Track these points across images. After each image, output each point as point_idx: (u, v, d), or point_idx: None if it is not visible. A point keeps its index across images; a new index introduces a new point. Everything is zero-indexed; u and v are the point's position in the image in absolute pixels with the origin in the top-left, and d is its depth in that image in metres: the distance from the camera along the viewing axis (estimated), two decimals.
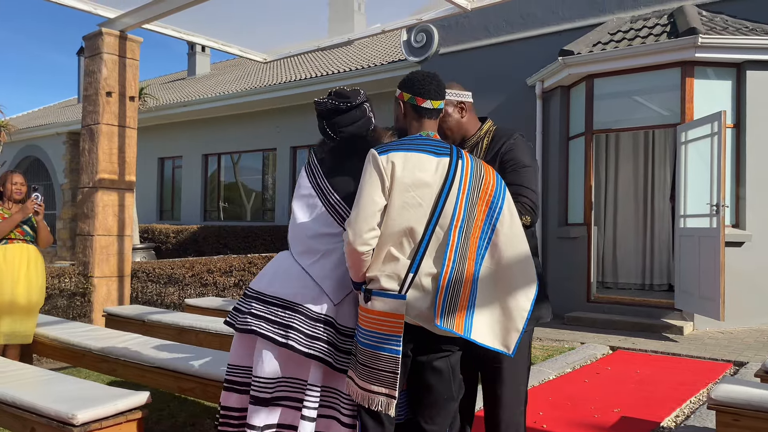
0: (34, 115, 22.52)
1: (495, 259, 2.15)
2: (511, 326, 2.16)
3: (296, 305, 2.32)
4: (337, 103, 2.47)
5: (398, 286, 2.07)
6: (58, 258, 15.96)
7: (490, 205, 2.14)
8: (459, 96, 2.58)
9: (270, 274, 2.44)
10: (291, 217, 2.50)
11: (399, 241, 2.09)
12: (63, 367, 4.97)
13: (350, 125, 2.47)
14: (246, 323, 2.35)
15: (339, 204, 2.42)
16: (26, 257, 4.41)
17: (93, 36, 6.07)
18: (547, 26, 8.84)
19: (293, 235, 2.47)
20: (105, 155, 6.00)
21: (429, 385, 2.19)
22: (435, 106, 2.22)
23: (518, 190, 2.41)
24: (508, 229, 2.16)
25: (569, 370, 5.24)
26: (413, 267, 2.07)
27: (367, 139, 2.51)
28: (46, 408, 2.55)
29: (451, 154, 2.14)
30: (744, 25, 7.13)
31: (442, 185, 2.09)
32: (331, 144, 2.52)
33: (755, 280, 6.81)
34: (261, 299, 2.39)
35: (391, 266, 2.09)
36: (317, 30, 6.39)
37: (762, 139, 6.94)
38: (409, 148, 2.12)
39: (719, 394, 2.76)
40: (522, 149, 2.50)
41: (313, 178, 2.50)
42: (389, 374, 2.07)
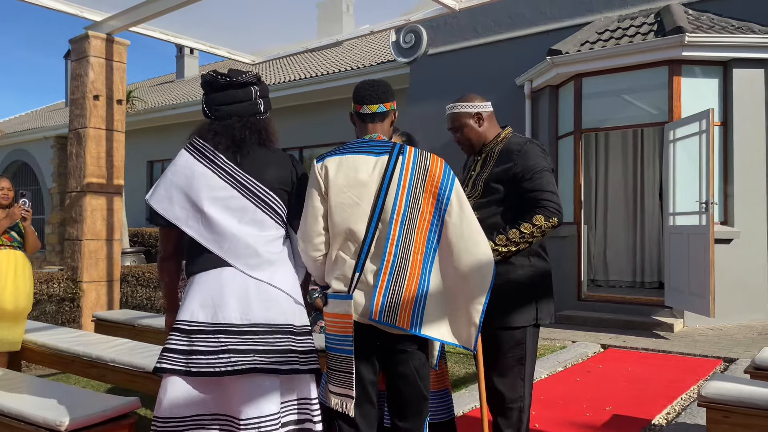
0: (22, 119, 22.34)
1: (447, 252, 2.17)
2: (469, 322, 2.20)
3: (283, 326, 2.12)
4: (215, 76, 2.27)
5: (346, 287, 2.15)
6: (47, 263, 15.83)
7: (437, 196, 2.16)
8: (475, 107, 2.66)
9: (232, 300, 2.08)
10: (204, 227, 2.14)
11: (344, 242, 2.17)
12: (52, 374, 4.92)
13: (230, 104, 2.26)
14: (234, 363, 2.02)
15: (268, 196, 2.21)
16: (13, 263, 4.36)
17: (79, 39, 6.02)
18: (535, 26, 8.87)
19: (233, 248, 2.12)
20: (93, 159, 5.95)
21: (397, 388, 2.23)
22: (373, 110, 2.28)
23: (537, 195, 2.47)
24: (458, 220, 2.17)
25: (561, 369, 5.25)
26: (358, 266, 2.13)
27: (249, 124, 2.25)
28: (33, 415, 2.52)
29: (391, 152, 2.18)
30: (730, 24, 7.18)
31: (380, 182, 2.14)
32: (212, 129, 2.24)
33: (744, 277, 6.86)
34: (235, 331, 2.06)
35: (340, 268, 2.17)
36: (306, 31, 6.37)
37: (749, 137, 6.99)
38: (345, 152, 2.21)
39: (709, 391, 2.77)
40: (533, 155, 2.54)
41: (227, 175, 2.19)
42: (346, 374, 2.15)
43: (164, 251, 2.27)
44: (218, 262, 2.14)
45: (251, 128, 2.25)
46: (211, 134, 2.24)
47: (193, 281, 2.15)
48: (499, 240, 2.45)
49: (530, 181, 2.50)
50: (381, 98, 2.28)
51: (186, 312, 2.11)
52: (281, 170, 2.29)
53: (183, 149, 2.25)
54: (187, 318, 2.10)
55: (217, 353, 2.04)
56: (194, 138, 2.27)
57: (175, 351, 2.07)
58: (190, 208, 2.17)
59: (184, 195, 2.18)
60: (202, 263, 2.15)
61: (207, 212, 2.15)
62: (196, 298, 2.11)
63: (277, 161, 2.30)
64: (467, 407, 3.98)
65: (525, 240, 2.46)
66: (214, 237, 2.15)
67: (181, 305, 2.15)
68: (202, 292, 2.11)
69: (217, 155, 2.21)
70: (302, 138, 13.32)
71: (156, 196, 2.21)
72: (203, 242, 2.15)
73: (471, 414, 3.90)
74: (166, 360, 2.08)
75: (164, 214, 2.18)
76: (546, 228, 2.46)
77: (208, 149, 2.23)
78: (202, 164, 2.20)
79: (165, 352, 2.09)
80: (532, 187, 2.49)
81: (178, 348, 2.07)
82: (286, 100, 12.94)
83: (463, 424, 3.58)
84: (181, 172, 2.20)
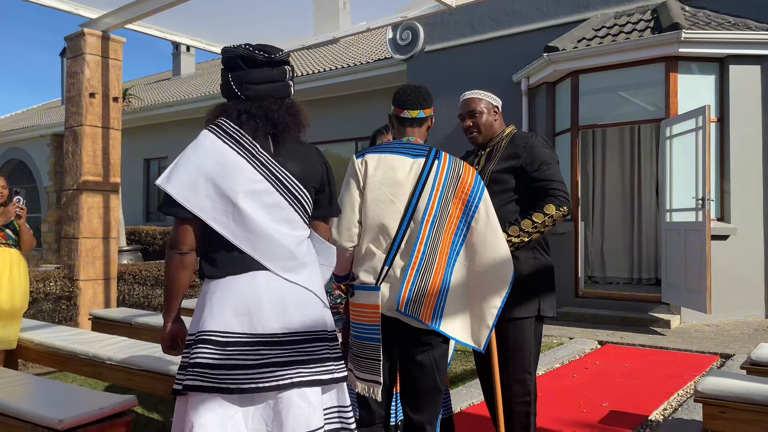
0: (18, 117, 22.27)
1: (469, 256, 2.29)
2: (482, 323, 2.30)
3: (320, 332, 1.97)
4: (252, 50, 2.02)
5: (374, 279, 2.24)
6: (43, 261, 15.80)
7: (467, 203, 2.28)
8: (495, 99, 2.79)
9: (270, 307, 1.90)
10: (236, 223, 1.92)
11: (376, 237, 2.25)
12: (49, 372, 4.92)
13: (262, 83, 2.02)
14: (278, 378, 1.85)
15: (302, 194, 2.03)
16: (8, 261, 4.35)
17: (75, 37, 6.00)
18: (531, 23, 8.87)
19: (269, 248, 1.93)
20: (89, 157, 5.94)
21: (413, 378, 2.30)
22: (413, 116, 2.37)
23: (546, 185, 2.57)
24: (483, 228, 2.29)
25: (558, 365, 5.26)
26: (388, 261, 2.23)
27: (285, 107, 2.05)
28: (31, 414, 2.52)
29: (428, 156, 2.29)
30: (726, 20, 7.19)
31: (415, 183, 2.25)
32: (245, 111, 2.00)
33: (740, 273, 6.88)
34: (276, 342, 1.88)
35: (369, 261, 2.26)
36: (302, 29, 6.36)
37: (745, 133, 7.00)
38: (384, 151, 2.30)
39: (706, 386, 2.78)
40: (539, 147, 2.63)
41: (262, 166, 1.97)
42: (373, 361, 2.25)
43: (183, 245, 1.93)
44: (249, 265, 1.91)
45: (288, 111, 2.04)
46: (245, 116, 1.99)
47: (218, 286, 1.90)
48: (512, 231, 2.52)
49: (538, 171, 2.58)
50: (422, 104, 2.39)
51: (217, 321, 1.86)
52: (314, 165, 2.09)
53: (207, 131, 1.98)
54: (219, 329, 1.85)
55: (257, 367, 1.84)
56: (221, 119, 2.00)
57: (207, 366, 1.82)
58: (218, 199, 1.90)
59: (213, 184, 1.90)
60: (229, 265, 1.91)
61: (241, 207, 1.90)
62: (227, 305, 1.87)
63: (309, 154, 2.10)
64: (465, 404, 3.99)
65: (537, 230, 2.54)
66: (246, 235, 1.91)
67: (203, 313, 1.90)
68: (234, 299, 1.88)
69: (251, 142, 1.97)
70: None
71: (175, 181, 1.90)
72: (234, 240, 1.90)
73: (469, 411, 3.90)
74: (198, 377, 1.82)
75: (187, 204, 1.88)
76: (557, 217, 2.54)
77: (243, 135, 1.97)
78: (235, 150, 1.94)
79: (194, 367, 1.83)
80: (541, 177, 2.58)
81: (210, 362, 1.82)
82: None
83: (461, 421, 3.58)
84: (210, 157, 1.92)
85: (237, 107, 2.01)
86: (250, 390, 1.83)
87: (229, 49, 2.04)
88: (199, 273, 1.98)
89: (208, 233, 1.93)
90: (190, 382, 1.82)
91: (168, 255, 1.95)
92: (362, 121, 11.58)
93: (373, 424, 2.33)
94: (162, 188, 1.91)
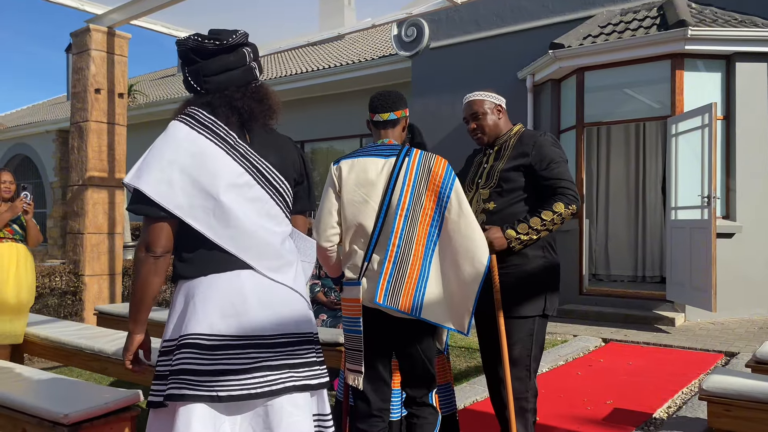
0: (23, 113, 22.33)
1: (445, 245, 2.38)
2: (463, 308, 2.38)
3: (308, 335, 1.86)
4: (200, 40, 1.86)
5: (356, 275, 2.40)
6: (49, 257, 15.86)
7: (439, 194, 2.36)
8: (498, 99, 2.81)
9: (258, 306, 1.77)
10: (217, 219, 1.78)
11: (355, 235, 2.41)
12: (54, 367, 4.94)
13: (220, 73, 1.87)
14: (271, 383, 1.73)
15: (283, 186, 1.92)
16: (15, 256, 4.37)
17: (80, 33, 6.01)
18: (537, 19, 8.84)
19: (254, 246, 1.80)
20: (94, 153, 5.96)
21: (406, 368, 2.48)
22: (384, 118, 2.50)
23: (555, 183, 2.59)
24: (456, 217, 2.36)
25: (562, 362, 5.25)
26: (367, 256, 2.37)
27: (249, 93, 1.90)
28: (37, 407, 2.53)
29: (398, 154, 2.41)
30: (733, 17, 7.15)
31: (387, 182, 2.38)
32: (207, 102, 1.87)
33: (746, 271, 6.85)
34: (267, 343, 1.76)
35: (353, 259, 2.42)
36: (307, 25, 6.35)
37: (751, 131, 6.97)
38: (357, 155, 2.46)
39: (710, 384, 2.78)
40: (548, 146, 2.64)
41: (241, 157, 1.83)
42: (357, 352, 2.40)
43: (157, 246, 1.75)
44: (232, 264, 1.77)
45: (253, 98, 1.90)
46: (209, 108, 1.85)
47: (199, 286, 1.76)
48: (521, 228, 2.53)
49: (547, 170, 2.60)
50: (391, 107, 2.50)
51: (201, 324, 1.72)
52: (292, 155, 1.98)
53: (178, 121, 1.83)
54: (205, 331, 1.71)
55: (249, 371, 1.71)
56: (192, 108, 1.86)
57: (193, 372, 1.67)
58: (196, 195, 1.76)
59: (190, 178, 1.75)
60: (209, 264, 1.77)
61: (223, 202, 1.76)
62: (211, 306, 1.73)
63: (285, 144, 1.99)
64: (468, 401, 3.99)
65: (546, 227, 2.55)
66: (229, 233, 1.77)
67: (185, 315, 1.75)
68: (218, 298, 1.74)
69: (228, 132, 1.83)
70: (304, 132, 13.30)
71: (146, 178, 1.74)
72: (215, 239, 1.76)
73: (472, 407, 3.91)
74: (184, 384, 1.66)
75: (162, 201, 1.72)
76: (566, 215, 2.56)
77: (216, 123, 1.83)
78: (212, 142, 1.80)
79: (178, 374, 1.67)
80: (550, 176, 2.59)
81: (197, 368, 1.67)
82: (288, 94, 12.91)
83: (465, 417, 3.59)
84: (183, 148, 1.77)
85: (198, 101, 1.88)
86: (242, 397, 1.69)
87: (180, 42, 1.89)
88: (172, 275, 1.84)
89: (183, 231, 1.78)
90: (174, 391, 1.67)
91: (139, 258, 1.76)
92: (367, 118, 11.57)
93: (370, 416, 2.41)
94: (133, 186, 1.75)
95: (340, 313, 4.64)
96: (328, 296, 4.70)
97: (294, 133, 13.39)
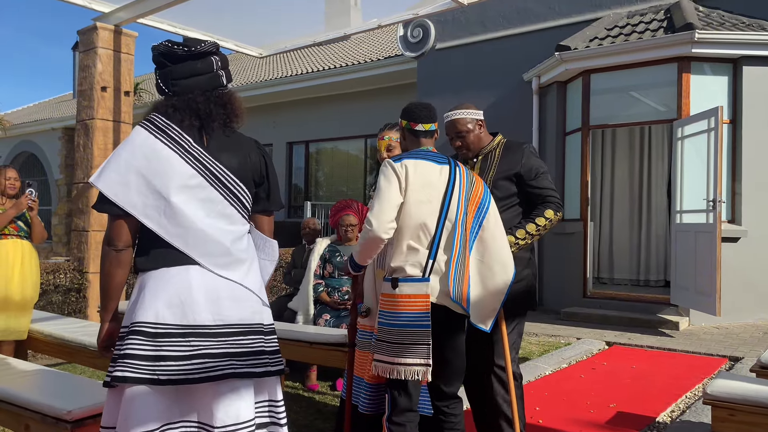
0: (30, 110, 22.42)
1: (480, 250, 2.58)
2: (491, 308, 2.58)
3: (255, 325, 1.97)
4: (171, 47, 2.01)
5: (420, 272, 2.47)
6: (53, 254, 15.90)
7: (479, 206, 2.61)
8: (478, 114, 3.00)
9: (203, 299, 1.89)
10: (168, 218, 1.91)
11: (416, 234, 2.48)
12: (58, 363, 4.95)
13: (190, 77, 2.02)
14: (209, 369, 1.85)
15: (238, 188, 2.02)
16: (20, 253, 4.38)
17: (87, 30, 6.03)
18: (543, 21, 8.83)
19: (201, 244, 1.92)
20: (100, 150, 5.97)
21: (448, 360, 2.55)
22: (426, 128, 2.64)
23: (545, 192, 2.88)
24: (493, 226, 2.60)
25: (565, 365, 5.24)
26: (432, 255, 2.47)
27: (212, 97, 2.04)
28: (40, 404, 2.54)
29: (450, 164, 2.58)
30: (740, 21, 7.13)
31: (446, 187, 2.53)
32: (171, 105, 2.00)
33: (751, 276, 6.83)
34: (208, 333, 1.88)
35: (413, 257, 2.48)
36: (313, 25, 6.35)
37: (758, 135, 6.95)
38: (416, 157, 2.55)
39: (715, 389, 2.76)
40: (534, 157, 2.93)
41: (194, 160, 1.95)
42: (423, 346, 2.43)
43: (118, 241, 1.91)
44: (182, 259, 1.91)
45: (216, 102, 2.03)
46: (171, 110, 1.99)
47: (150, 277, 1.91)
48: (519, 234, 2.81)
49: (536, 180, 2.88)
50: (434, 119, 2.67)
51: (148, 312, 1.85)
52: (251, 157, 2.08)
53: (139, 126, 1.97)
54: (150, 319, 1.84)
55: (189, 358, 1.84)
56: (153, 114, 2.00)
57: (137, 357, 1.81)
58: (150, 195, 1.89)
59: (144, 180, 1.89)
60: (161, 259, 1.91)
61: (173, 202, 1.90)
62: (159, 296, 1.87)
63: (244, 146, 2.09)
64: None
65: (539, 232, 2.84)
66: (179, 231, 1.90)
67: (136, 304, 1.89)
68: (166, 290, 1.87)
69: (183, 136, 1.96)
70: (309, 132, 13.31)
71: (105, 179, 1.90)
72: (165, 236, 1.90)
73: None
74: (128, 368, 1.81)
75: (117, 200, 1.88)
76: (554, 221, 2.87)
77: (172, 128, 1.96)
78: (166, 145, 1.94)
79: (125, 359, 1.82)
80: (538, 185, 2.88)
81: (141, 353, 1.82)
82: (293, 94, 12.93)
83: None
84: (139, 152, 1.92)
85: (165, 103, 2.02)
86: (181, 381, 1.82)
87: (154, 47, 2.05)
88: (134, 267, 1.98)
89: (143, 228, 1.93)
90: (119, 373, 1.80)
91: (102, 252, 1.94)
92: (372, 118, 11.57)
93: (409, 411, 2.49)
94: (93, 185, 1.92)
95: (343, 313, 4.64)
96: (332, 296, 4.70)
97: (299, 133, 13.46)
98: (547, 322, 7.16)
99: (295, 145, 13.81)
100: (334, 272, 4.71)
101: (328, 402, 4.22)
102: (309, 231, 5.44)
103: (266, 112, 13.74)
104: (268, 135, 13.87)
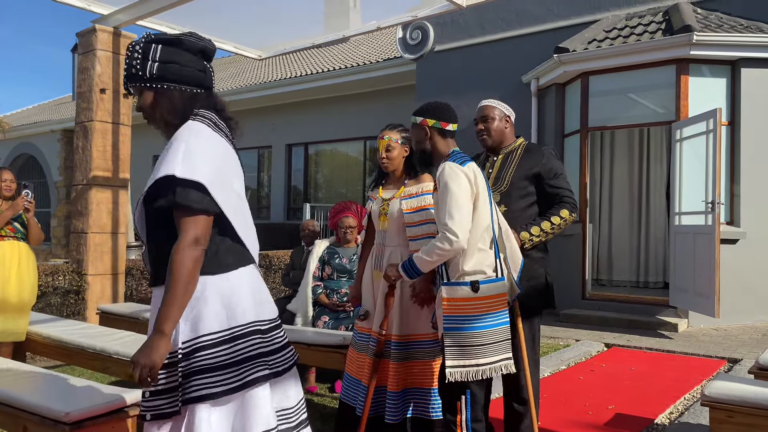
0: (29, 112, 22.41)
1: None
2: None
3: (278, 319, 2.00)
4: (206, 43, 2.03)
5: (494, 272, 2.54)
6: (52, 256, 15.89)
7: None
8: (509, 110, 3.07)
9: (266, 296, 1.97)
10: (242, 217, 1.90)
11: (482, 235, 2.52)
12: (56, 365, 4.94)
13: None
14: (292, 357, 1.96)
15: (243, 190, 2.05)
16: (17, 254, 4.38)
17: (86, 33, 6.04)
18: (542, 23, 8.84)
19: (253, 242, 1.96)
20: (99, 152, 5.97)
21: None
22: (454, 128, 2.68)
23: (562, 192, 2.96)
24: (503, 221, 2.71)
25: (564, 367, 5.24)
26: (496, 254, 2.57)
27: None
28: (38, 406, 2.53)
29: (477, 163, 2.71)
30: (738, 23, 7.14)
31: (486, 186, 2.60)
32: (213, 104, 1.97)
33: (749, 278, 6.83)
34: (261, 330, 1.87)
35: (486, 258, 2.52)
36: (313, 27, 6.37)
37: (757, 137, 6.95)
38: (469, 158, 2.59)
39: (713, 390, 2.76)
40: (554, 159, 3.01)
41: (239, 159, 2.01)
42: (505, 342, 2.50)
43: (206, 240, 1.77)
44: (248, 258, 1.91)
45: None
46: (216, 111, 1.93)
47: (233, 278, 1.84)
48: (534, 231, 2.88)
49: (554, 180, 2.95)
50: (457, 119, 2.71)
51: (249, 312, 1.83)
52: None
53: (197, 122, 1.84)
54: (256, 318, 1.85)
55: (283, 348, 1.93)
56: (203, 111, 1.90)
57: (263, 355, 1.82)
58: (229, 192, 1.83)
59: (222, 176, 1.81)
60: (239, 258, 1.87)
61: (241, 200, 1.90)
62: (247, 295, 1.85)
63: None
64: None
65: (553, 231, 2.91)
66: (246, 232, 1.90)
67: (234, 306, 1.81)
68: (248, 288, 1.86)
69: (230, 137, 1.94)
70: (308, 134, 13.31)
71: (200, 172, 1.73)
72: (242, 236, 1.87)
73: None
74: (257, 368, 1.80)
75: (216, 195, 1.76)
76: (570, 221, 2.94)
77: (224, 128, 1.91)
78: (228, 144, 1.89)
79: (256, 359, 1.80)
80: (557, 185, 2.95)
81: (264, 351, 1.83)
82: (292, 96, 12.94)
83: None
84: (213, 146, 1.81)
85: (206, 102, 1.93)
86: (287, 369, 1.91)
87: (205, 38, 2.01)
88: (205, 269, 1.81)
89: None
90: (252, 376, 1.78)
91: (185, 253, 1.70)
92: (371, 120, 11.58)
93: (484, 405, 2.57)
94: (189, 179, 1.70)
95: (341, 315, 4.63)
96: (330, 298, 4.70)
97: (298, 135, 13.46)
98: (546, 323, 7.15)
99: (294, 147, 13.81)
100: (332, 274, 4.71)
101: (326, 404, 4.22)
102: (308, 233, 5.44)
103: (265, 114, 13.74)
104: (268, 137, 13.87)
